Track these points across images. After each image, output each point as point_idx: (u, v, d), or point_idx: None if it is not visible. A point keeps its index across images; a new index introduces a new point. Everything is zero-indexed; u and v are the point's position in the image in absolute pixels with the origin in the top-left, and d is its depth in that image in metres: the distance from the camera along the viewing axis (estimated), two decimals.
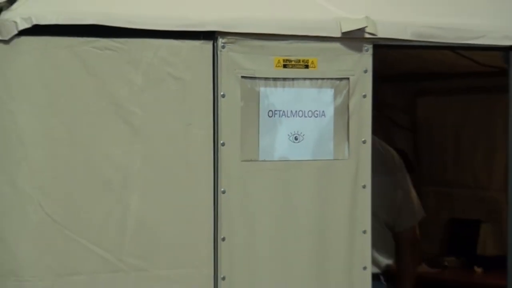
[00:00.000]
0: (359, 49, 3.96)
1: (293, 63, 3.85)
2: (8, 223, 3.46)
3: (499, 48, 4.44)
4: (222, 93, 3.73)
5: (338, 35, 3.89)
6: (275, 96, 3.86)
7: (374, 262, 4.55)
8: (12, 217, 3.46)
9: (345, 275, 3.98)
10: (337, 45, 3.91)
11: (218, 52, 3.71)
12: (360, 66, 3.97)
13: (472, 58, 5.20)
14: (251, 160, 3.82)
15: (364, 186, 4.00)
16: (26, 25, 3.39)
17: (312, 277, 3.94)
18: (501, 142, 4.88)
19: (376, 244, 4.43)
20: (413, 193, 5.36)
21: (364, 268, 4.02)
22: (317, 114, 3.92)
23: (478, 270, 6.33)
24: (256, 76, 3.81)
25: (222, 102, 3.73)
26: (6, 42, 3.40)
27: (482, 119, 6.23)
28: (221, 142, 3.73)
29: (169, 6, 3.77)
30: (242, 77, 3.77)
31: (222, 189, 3.74)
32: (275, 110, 3.85)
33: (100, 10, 3.56)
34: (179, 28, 3.65)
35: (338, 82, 3.94)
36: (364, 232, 4.02)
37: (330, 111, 3.94)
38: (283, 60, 3.83)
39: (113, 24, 3.52)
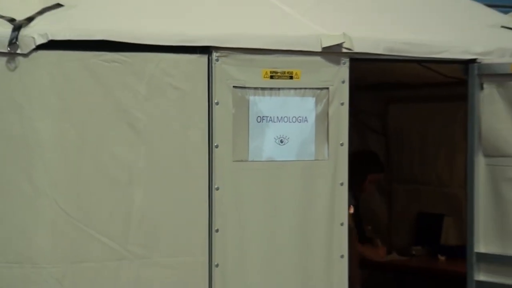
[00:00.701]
0: (337, 62, 3.97)
1: (279, 74, 3.86)
2: (27, 216, 3.47)
3: (459, 61, 4.47)
4: (216, 101, 3.74)
5: (319, 49, 3.90)
6: (263, 104, 3.87)
7: None
8: (30, 211, 3.48)
9: (324, 263, 3.99)
10: (318, 58, 3.93)
11: (212, 65, 3.73)
12: (338, 77, 3.98)
13: (436, 70, 5.19)
14: (241, 161, 3.83)
15: (341, 184, 4.02)
16: (43, 40, 3.41)
17: (296, 264, 3.94)
18: (461, 145, 4.90)
19: None
20: None
21: (342, 256, 4.03)
22: (300, 119, 3.93)
23: (442, 258, 6.33)
24: (246, 86, 3.82)
25: (216, 109, 3.75)
26: (25, 55, 3.41)
27: (445, 124, 6.21)
28: (215, 144, 3.75)
29: (169, 23, 3.79)
30: (234, 86, 3.78)
31: (216, 186, 3.76)
32: (263, 116, 3.87)
33: (107, 27, 3.57)
34: (178, 43, 3.66)
35: (319, 91, 3.95)
36: (342, 224, 4.03)
37: (311, 117, 3.95)
38: (270, 72, 3.84)
39: (119, 39, 3.54)
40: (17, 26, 3.42)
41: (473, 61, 4.44)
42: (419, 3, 4.97)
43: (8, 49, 3.40)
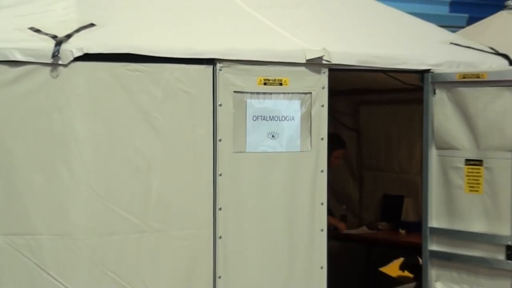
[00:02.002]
0: (318, 72, 3.98)
1: (271, 81, 3.87)
2: (66, 197, 3.49)
3: (416, 71, 4.49)
4: (219, 103, 3.75)
5: (303, 61, 3.92)
6: (258, 105, 3.87)
7: None
8: (69, 193, 3.49)
9: (308, 235, 4.00)
10: (302, 68, 3.94)
11: (217, 74, 3.73)
12: (319, 84, 3.99)
13: (398, 78, 5.20)
14: (240, 152, 3.83)
15: (322, 171, 4.03)
16: (79, 53, 3.42)
17: (285, 236, 3.95)
18: (418, 139, 4.91)
19: None
20: None
21: (321, 230, 4.04)
22: (288, 118, 3.94)
23: (402, 231, 6.30)
24: (244, 91, 3.82)
25: (219, 109, 3.75)
26: (65, 66, 3.43)
27: (405, 123, 6.18)
28: (219, 138, 3.76)
29: (181, 39, 3.79)
30: (234, 91, 3.79)
31: (219, 173, 3.77)
32: (258, 115, 3.87)
33: (131, 42, 3.59)
34: (188, 56, 3.67)
35: (303, 95, 3.96)
36: (322, 204, 4.04)
37: (297, 117, 3.96)
38: (264, 79, 3.85)
39: (141, 52, 3.55)
40: (59, 42, 3.43)
41: (427, 71, 4.47)
42: (384, 24, 4.97)
43: (52, 60, 3.41)
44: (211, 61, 3.73)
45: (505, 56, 4.78)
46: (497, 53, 4.81)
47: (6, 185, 3.49)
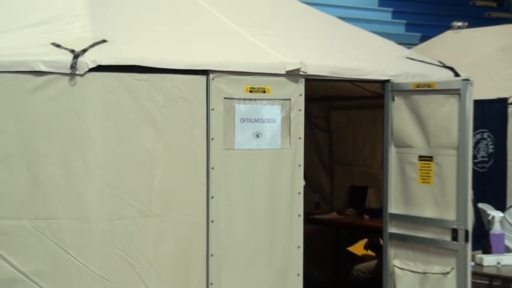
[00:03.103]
0: (296, 81, 3.98)
1: (256, 89, 3.87)
2: (82, 187, 3.48)
3: (379, 81, 4.51)
4: (212, 108, 3.75)
5: (284, 72, 3.92)
6: (244, 110, 3.87)
7: None
8: (84, 183, 3.49)
9: (287, 220, 4.00)
10: (283, 78, 3.94)
11: (210, 83, 3.73)
12: (297, 91, 3.99)
13: (363, 87, 5.23)
14: (230, 149, 3.83)
15: (299, 165, 4.03)
16: (93, 65, 3.43)
17: (268, 221, 3.96)
18: (380, 139, 4.91)
19: None
20: None
21: (299, 215, 4.04)
22: (270, 121, 3.94)
23: (366, 217, 6.31)
24: (233, 97, 3.81)
25: (212, 113, 3.75)
26: (81, 75, 3.42)
27: (369, 125, 6.20)
28: (211, 137, 3.76)
29: (180, 53, 3.80)
30: (224, 98, 3.78)
31: (212, 167, 3.76)
32: (245, 118, 3.87)
33: (137, 56, 3.58)
34: (185, 67, 3.68)
35: (283, 101, 3.95)
36: (299, 193, 4.04)
37: (278, 119, 3.96)
38: (250, 88, 3.85)
39: (145, 64, 3.56)
40: (76, 55, 3.43)
41: (387, 81, 4.49)
42: (352, 40, 4.98)
43: (70, 71, 3.41)
44: (205, 72, 3.73)
45: (451, 68, 4.80)
46: (445, 66, 4.83)
47: (32, 177, 3.48)
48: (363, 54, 4.73)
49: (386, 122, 4.57)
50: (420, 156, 4.40)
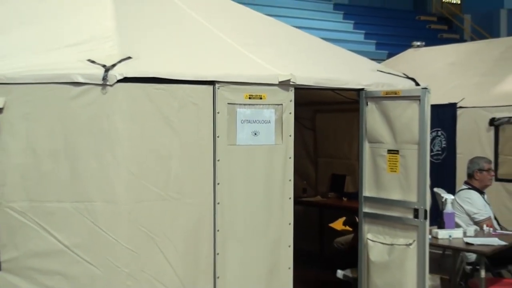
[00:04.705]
0: (287, 90, 3.92)
1: (254, 96, 3.81)
2: (111, 176, 3.43)
3: (355, 89, 4.45)
4: (217, 111, 3.69)
5: (277, 82, 3.86)
6: (245, 113, 3.81)
7: None
8: (113, 173, 3.43)
9: (280, 202, 3.95)
10: (276, 87, 3.88)
11: (216, 91, 3.68)
12: (288, 98, 3.93)
13: (342, 94, 5.20)
14: (232, 145, 3.78)
15: (290, 157, 3.96)
16: (120, 77, 3.38)
17: (264, 203, 3.90)
18: (356, 136, 4.81)
19: None
20: None
21: (289, 198, 3.98)
22: (266, 121, 3.88)
23: (345, 199, 6.37)
24: (235, 103, 3.75)
25: (217, 116, 3.70)
26: (111, 86, 3.37)
27: (347, 125, 6.23)
28: (217, 135, 3.70)
29: (191, 67, 3.72)
30: (228, 103, 3.73)
31: (218, 159, 3.71)
32: (245, 119, 3.81)
33: (156, 69, 3.52)
34: (196, 79, 3.62)
35: (276, 106, 3.90)
36: (290, 180, 3.98)
37: (272, 120, 3.90)
38: (249, 95, 3.80)
39: (163, 76, 3.50)
40: (107, 69, 3.39)
41: (362, 89, 4.43)
42: (333, 56, 4.93)
43: (102, 82, 3.37)
44: (211, 83, 3.68)
45: (412, 79, 4.75)
46: (407, 77, 4.78)
47: (72, 168, 3.43)
48: (342, 67, 4.69)
49: (361, 123, 4.53)
50: (388, 150, 4.35)
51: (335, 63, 4.78)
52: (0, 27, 4.12)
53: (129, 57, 3.53)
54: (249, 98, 3.81)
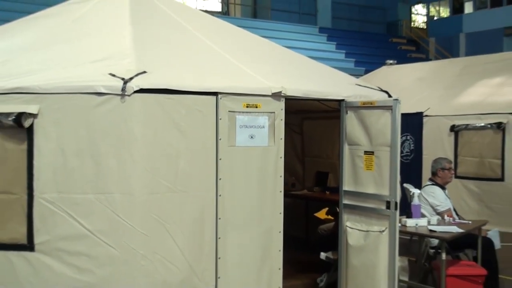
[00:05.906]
0: (279, 100, 3.88)
1: (250, 105, 3.78)
2: (129, 171, 3.40)
3: (336, 100, 4.42)
4: (220, 118, 3.66)
5: (270, 94, 3.84)
6: (243, 119, 3.78)
7: None
8: (130, 170, 3.40)
9: (272, 195, 3.91)
10: (269, 98, 3.85)
11: (218, 101, 3.65)
12: (279, 107, 3.89)
13: (326, 104, 5.17)
14: (232, 146, 3.75)
15: (280, 157, 3.93)
16: (137, 89, 3.36)
17: (258, 195, 3.86)
18: (337, 139, 4.79)
19: None
20: None
21: (280, 191, 3.95)
22: (261, 127, 3.85)
23: (328, 193, 6.34)
24: (235, 111, 3.73)
25: (219, 121, 3.67)
26: (129, 96, 3.35)
27: (330, 130, 6.20)
28: (219, 138, 3.68)
29: (197, 79, 3.68)
30: (229, 111, 3.70)
31: (219, 158, 3.68)
32: (243, 125, 3.78)
33: (167, 82, 3.49)
34: (201, 90, 3.59)
35: (270, 113, 3.87)
36: (280, 176, 3.95)
37: (266, 126, 3.87)
38: (246, 104, 3.77)
39: (173, 88, 3.47)
40: (125, 81, 3.36)
41: (343, 100, 4.40)
42: (318, 72, 4.89)
43: (121, 92, 3.35)
44: (215, 93, 3.65)
45: (386, 92, 4.72)
46: (381, 90, 4.74)
47: (95, 165, 3.42)
48: (326, 81, 4.66)
49: (341, 128, 4.50)
50: (365, 151, 4.32)
51: (320, 77, 4.75)
52: (37, 45, 4.14)
53: (145, 72, 3.50)
54: (247, 106, 3.79)
